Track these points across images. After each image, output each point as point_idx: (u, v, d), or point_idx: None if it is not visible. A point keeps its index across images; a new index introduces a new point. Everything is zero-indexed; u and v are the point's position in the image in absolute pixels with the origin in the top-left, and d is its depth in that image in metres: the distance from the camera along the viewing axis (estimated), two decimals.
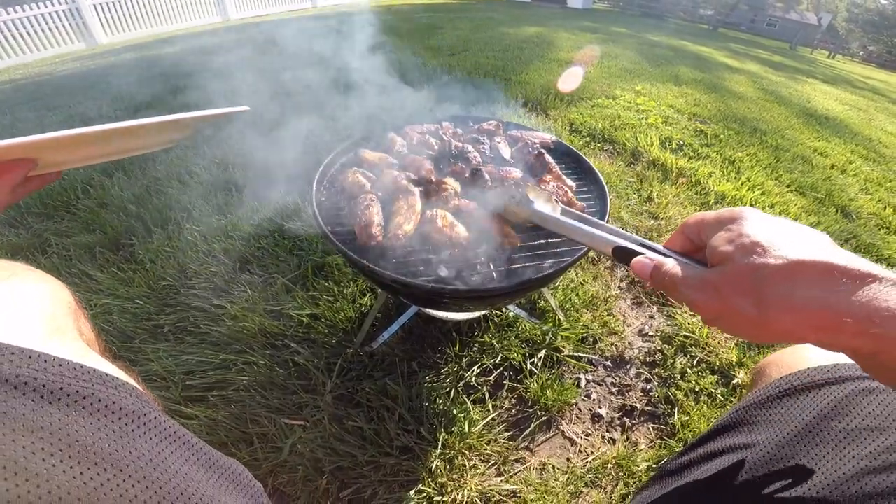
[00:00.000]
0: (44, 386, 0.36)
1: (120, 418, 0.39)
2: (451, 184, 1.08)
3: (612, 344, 1.47)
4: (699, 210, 2.31)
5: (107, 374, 0.42)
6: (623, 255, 0.52)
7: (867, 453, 0.46)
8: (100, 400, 0.39)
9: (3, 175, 0.50)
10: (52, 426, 0.34)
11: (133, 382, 0.46)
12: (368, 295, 1.55)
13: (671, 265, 0.43)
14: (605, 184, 1.16)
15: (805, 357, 0.61)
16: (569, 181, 1.15)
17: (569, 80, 3.87)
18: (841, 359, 0.57)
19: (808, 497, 0.46)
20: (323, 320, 1.43)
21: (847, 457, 0.46)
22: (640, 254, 0.49)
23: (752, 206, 2.37)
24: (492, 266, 0.97)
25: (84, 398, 0.38)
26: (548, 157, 1.21)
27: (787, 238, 0.36)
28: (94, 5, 8.49)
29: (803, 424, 0.52)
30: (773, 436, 0.53)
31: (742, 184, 2.61)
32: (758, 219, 0.39)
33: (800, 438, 0.51)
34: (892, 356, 0.31)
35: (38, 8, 7.74)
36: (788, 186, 2.73)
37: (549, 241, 1.04)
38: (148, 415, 0.42)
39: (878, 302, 0.30)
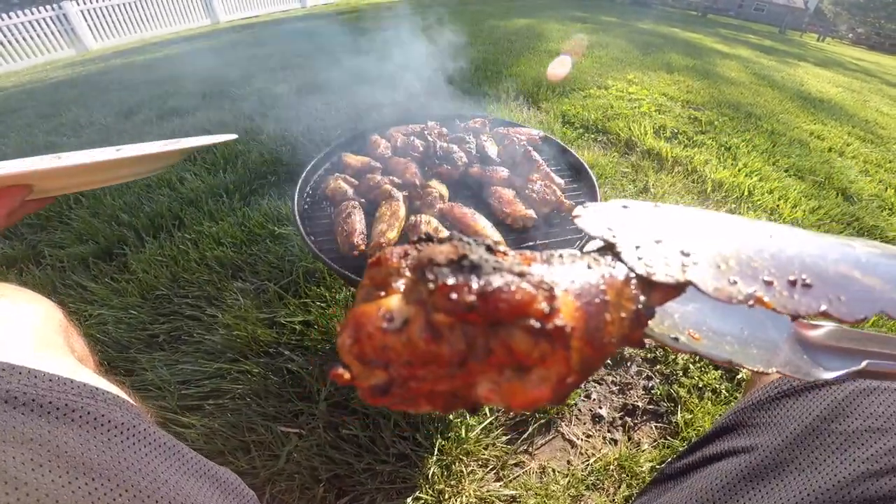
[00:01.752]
0: (33, 400, 0.37)
1: (109, 430, 0.41)
2: (437, 187, 1.05)
3: None
4: (697, 199, 2.29)
5: (97, 388, 0.43)
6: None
7: (868, 456, 0.44)
8: (89, 413, 0.40)
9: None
10: (41, 438, 0.36)
11: (125, 396, 0.47)
12: None
13: None
14: (595, 180, 1.14)
15: None
16: (557, 179, 1.13)
17: (559, 70, 3.83)
18: None
19: (809, 502, 0.44)
20: (316, 327, 1.41)
21: (848, 460, 0.45)
22: None
23: (749, 192, 2.40)
24: None
25: (73, 411, 0.39)
26: (535, 155, 1.18)
27: None
28: (82, 11, 8.50)
29: (803, 426, 0.50)
30: (773, 438, 0.52)
31: (739, 170, 2.59)
32: None
33: (800, 441, 0.49)
34: None
35: (25, 15, 7.72)
36: (787, 171, 2.71)
37: (538, 242, 1.02)
38: (137, 426, 0.44)
39: None
